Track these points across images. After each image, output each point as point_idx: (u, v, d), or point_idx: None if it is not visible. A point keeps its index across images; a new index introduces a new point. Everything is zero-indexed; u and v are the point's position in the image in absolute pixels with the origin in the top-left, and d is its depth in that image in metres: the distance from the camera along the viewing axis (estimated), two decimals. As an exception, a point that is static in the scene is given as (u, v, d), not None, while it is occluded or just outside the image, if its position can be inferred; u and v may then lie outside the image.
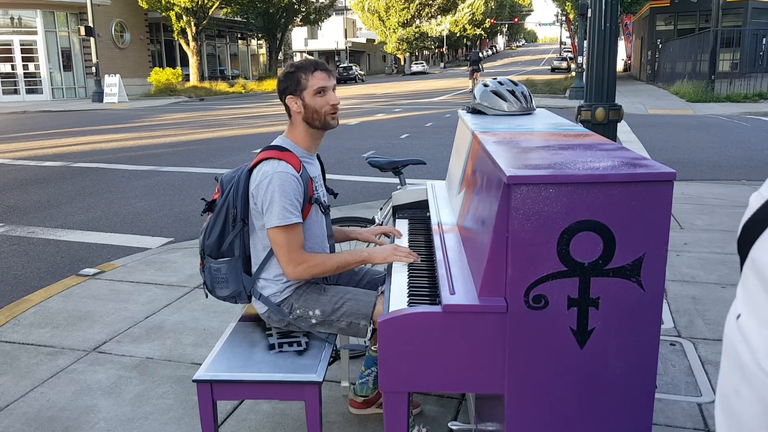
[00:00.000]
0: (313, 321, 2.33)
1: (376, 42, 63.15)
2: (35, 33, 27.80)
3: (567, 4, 36.94)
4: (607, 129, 4.64)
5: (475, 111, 2.90)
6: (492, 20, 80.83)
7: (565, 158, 1.79)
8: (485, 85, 2.89)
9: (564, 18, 42.42)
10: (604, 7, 4.48)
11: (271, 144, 2.36)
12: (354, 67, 48.40)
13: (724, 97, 20.22)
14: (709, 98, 20.12)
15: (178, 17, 30.44)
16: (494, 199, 1.69)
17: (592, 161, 1.74)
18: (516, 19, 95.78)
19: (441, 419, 2.70)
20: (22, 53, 27.75)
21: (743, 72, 22.56)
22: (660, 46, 30.42)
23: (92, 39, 25.33)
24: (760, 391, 0.61)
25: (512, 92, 2.83)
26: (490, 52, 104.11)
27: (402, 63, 62.90)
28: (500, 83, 2.86)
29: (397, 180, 3.54)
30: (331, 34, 61.51)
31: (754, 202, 0.69)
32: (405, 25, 57.67)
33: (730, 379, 0.66)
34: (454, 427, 2.43)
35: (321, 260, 2.27)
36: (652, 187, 1.58)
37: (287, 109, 2.36)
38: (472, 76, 27.74)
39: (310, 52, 60.54)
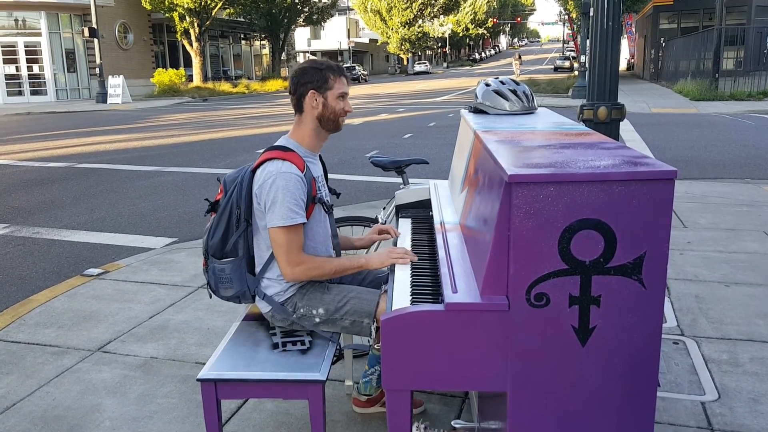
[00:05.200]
0: (317, 320, 2.35)
1: (379, 42, 63.12)
2: (39, 35, 27.91)
3: (569, 3, 36.88)
4: (610, 128, 4.63)
5: (477, 110, 2.90)
6: (494, 20, 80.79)
7: (566, 157, 1.80)
8: (487, 85, 2.89)
9: (566, 17, 42.50)
10: (606, 6, 4.48)
11: (275, 144, 2.37)
12: (357, 68, 48.53)
13: (728, 95, 20.17)
14: (712, 96, 20.08)
15: (182, 18, 30.50)
16: (496, 197, 1.70)
17: (593, 160, 1.74)
18: (519, 19, 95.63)
19: (444, 418, 2.71)
20: (26, 55, 27.87)
21: (747, 70, 22.48)
22: (663, 44, 30.36)
23: (96, 40, 25.41)
24: None
25: (514, 92, 2.84)
26: (492, 52, 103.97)
27: (405, 63, 62.88)
28: (502, 83, 2.87)
29: (399, 180, 3.55)
30: (334, 35, 61.51)
31: None
32: (407, 25, 57.62)
33: None
34: (457, 426, 2.44)
35: (319, 263, 2.28)
36: (653, 185, 1.59)
37: (299, 103, 2.34)
38: (515, 69, 41.78)
39: (313, 53, 60.57)
